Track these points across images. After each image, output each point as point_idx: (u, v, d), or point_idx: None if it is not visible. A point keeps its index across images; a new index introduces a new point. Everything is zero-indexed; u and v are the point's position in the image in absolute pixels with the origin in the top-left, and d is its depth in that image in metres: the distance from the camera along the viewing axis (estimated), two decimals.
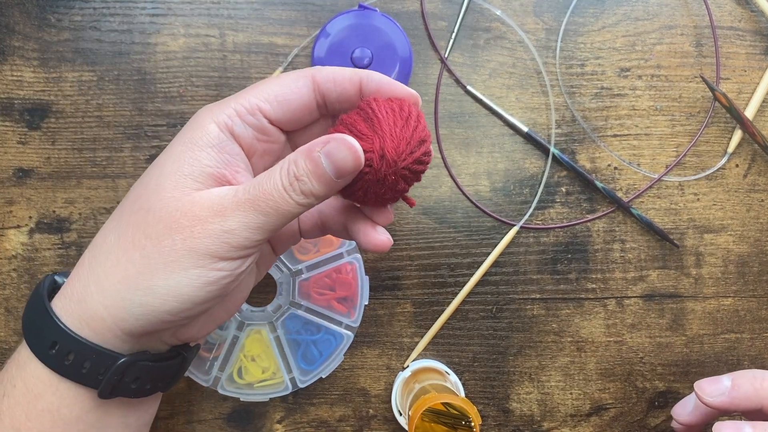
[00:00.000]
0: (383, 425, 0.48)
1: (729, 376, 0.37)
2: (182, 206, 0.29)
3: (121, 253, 0.29)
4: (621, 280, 0.48)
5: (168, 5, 0.46)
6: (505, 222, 0.48)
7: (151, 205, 0.29)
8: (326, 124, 0.35)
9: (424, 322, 0.48)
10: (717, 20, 0.48)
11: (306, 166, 0.29)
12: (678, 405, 0.43)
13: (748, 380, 0.37)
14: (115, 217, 0.31)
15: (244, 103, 0.31)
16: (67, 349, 0.29)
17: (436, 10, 0.47)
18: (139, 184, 0.31)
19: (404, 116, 0.31)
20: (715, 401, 0.37)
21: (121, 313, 0.29)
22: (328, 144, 0.29)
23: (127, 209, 0.30)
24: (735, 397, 0.36)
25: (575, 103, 0.48)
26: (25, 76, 0.46)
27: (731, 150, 0.48)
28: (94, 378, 0.30)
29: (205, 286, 0.29)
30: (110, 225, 0.31)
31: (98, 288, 0.29)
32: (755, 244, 0.48)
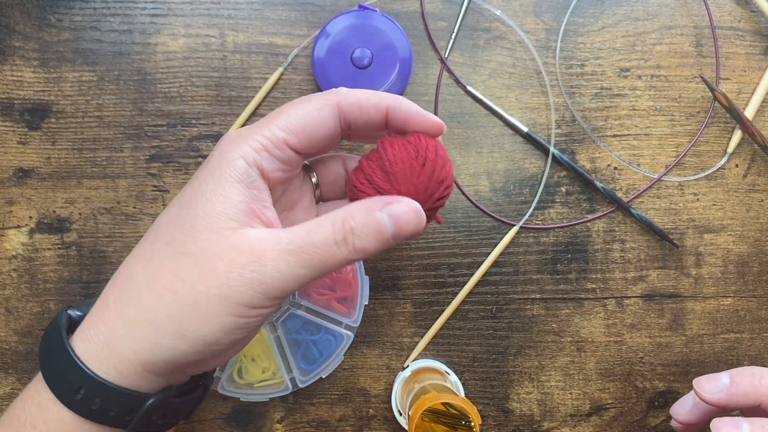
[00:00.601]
0: (383, 425, 0.48)
1: (727, 373, 0.37)
2: (219, 250, 0.28)
3: (152, 296, 0.28)
4: (621, 280, 0.48)
5: (168, 5, 0.46)
6: (505, 222, 0.48)
7: (186, 249, 0.28)
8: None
9: (424, 322, 0.48)
10: (717, 20, 0.48)
11: (366, 223, 0.29)
12: (677, 404, 0.43)
13: (746, 377, 0.37)
14: (143, 257, 0.30)
15: (270, 136, 0.30)
16: (93, 394, 0.29)
17: (436, 10, 0.47)
18: (170, 223, 0.30)
19: (421, 161, 0.31)
20: (713, 398, 0.37)
21: (149, 357, 0.28)
22: (392, 205, 0.29)
23: (158, 251, 0.29)
24: (733, 394, 0.36)
25: (575, 103, 0.48)
26: (25, 76, 0.46)
27: (731, 150, 0.48)
28: (121, 419, 0.29)
29: (236, 330, 0.29)
30: (138, 265, 0.30)
31: (127, 332, 0.29)
32: (755, 244, 0.48)
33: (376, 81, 0.44)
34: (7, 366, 0.47)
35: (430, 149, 0.32)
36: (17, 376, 0.47)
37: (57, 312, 0.32)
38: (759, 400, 0.36)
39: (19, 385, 0.47)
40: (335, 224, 0.29)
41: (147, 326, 0.28)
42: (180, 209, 0.30)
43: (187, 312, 0.28)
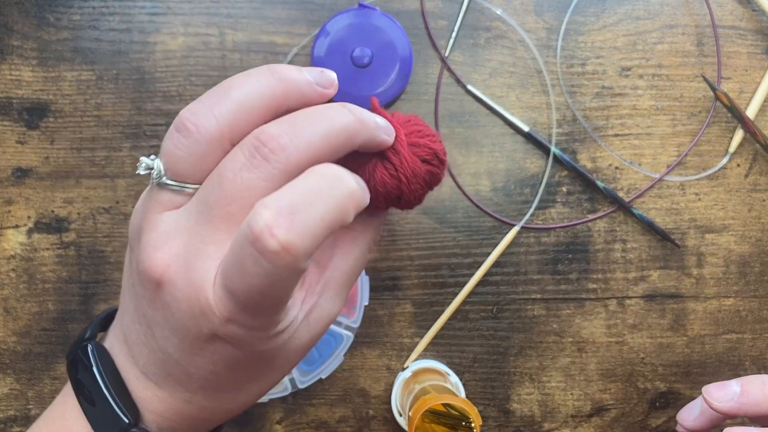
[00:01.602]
0: (383, 426, 0.47)
1: (738, 382, 0.37)
2: (299, 353, 0.28)
3: (232, 405, 0.29)
4: (622, 281, 0.48)
5: (167, 4, 0.46)
6: (506, 222, 0.47)
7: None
8: None
9: (424, 323, 0.47)
10: (718, 19, 0.48)
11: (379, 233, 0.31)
12: (683, 410, 0.42)
13: (757, 386, 0.36)
14: (189, 379, 0.29)
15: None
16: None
17: (437, 9, 0.47)
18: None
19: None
20: (723, 407, 0.37)
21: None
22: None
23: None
24: (744, 403, 0.36)
25: (576, 102, 0.47)
26: (23, 75, 0.46)
27: (732, 150, 0.48)
28: None
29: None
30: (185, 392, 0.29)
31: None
32: (757, 244, 0.48)
33: (376, 80, 0.44)
34: (5, 366, 0.46)
35: (434, 174, 0.30)
36: (15, 376, 0.47)
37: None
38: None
39: (18, 385, 0.47)
40: (367, 253, 0.29)
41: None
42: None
43: (235, 405, 0.29)
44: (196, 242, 0.24)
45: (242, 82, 0.25)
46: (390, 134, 0.28)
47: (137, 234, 0.26)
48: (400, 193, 0.29)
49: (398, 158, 0.28)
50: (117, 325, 0.29)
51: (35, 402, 0.47)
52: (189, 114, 0.24)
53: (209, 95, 0.25)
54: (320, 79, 0.27)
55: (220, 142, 0.24)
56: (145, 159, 0.25)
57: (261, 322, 0.25)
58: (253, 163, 0.24)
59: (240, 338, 0.25)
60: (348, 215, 0.24)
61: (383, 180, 0.28)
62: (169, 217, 0.25)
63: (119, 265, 0.47)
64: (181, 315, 0.25)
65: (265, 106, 0.25)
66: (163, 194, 0.25)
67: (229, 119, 0.24)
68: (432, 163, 0.29)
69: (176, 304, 0.25)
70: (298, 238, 0.21)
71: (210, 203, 0.24)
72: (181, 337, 0.25)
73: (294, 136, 0.24)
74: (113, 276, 0.47)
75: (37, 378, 0.47)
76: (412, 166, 0.28)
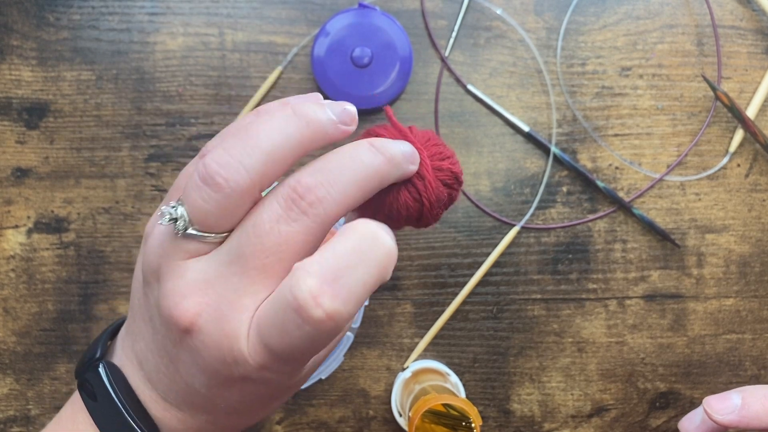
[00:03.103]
0: (383, 426, 0.47)
1: (739, 393, 0.37)
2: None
3: (248, 421, 0.29)
4: (622, 281, 0.48)
5: (167, 4, 0.46)
6: (506, 222, 0.47)
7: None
8: None
9: (425, 323, 0.47)
10: (718, 19, 0.48)
11: None
12: (685, 419, 0.42)
13: (758, 399, 0.36)
14: (193, 402, 0.28)
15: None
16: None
17: (437, 8, 0.47)
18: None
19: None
20: (724, 419, 0.37)
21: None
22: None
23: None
24: (744, 416, 0.36)
25: (576, 102, 0.47)
26: (23, 75, 0.46)
27: (733, 149, 0.48)
28: None
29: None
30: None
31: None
32: (757, 244, 0.48)
33: (376, 80, 0.44)
34: (5, 366, 0.46)
35: (453, 195, 0.31)
36: (15, 376, 0.46)
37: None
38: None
39: (17, 385, 0.47)
40: None
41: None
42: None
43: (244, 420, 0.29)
44: (229, 293, 0.24)
45: (269, 130, 0.24)
46: (415, 162, 0.28)
47: (156, 274, 0.26)
48: (420, 216, 0.29)
49: (423, 183, 0.28)
50: (128, 345, 0.29)
51: (35, 402, 0.47)
52: (217, 167, 0.23)
53: (235, 142, 0.24)
54: (343, 117, 0.26)
55: (251, 194, 0.24)
56: (167, 209, 0.25)
57: (295, 367, 0.25)
58: (290, 216, 0.24)
59: (271, 380, 0.25)
60: (387, 274, 0.23)
61: (407, 204, 0.28)
62: (196, 265, 0.25)
63: (119, 265, 0.46)
64: (211, 360, 0.24)
65: (293, 152, 0.25)
66: (189, 243, 0.25)
67: (260, 171, 0.24)
68: (452, 187, 0.30)
69: (206, 351, 0.24)
70: (342, 306, 0.21)
71: (245, 255, 0.24)
72: (209, 376, 0.25)
73: (330, 187, 0.24)
74: (113, 276, 0.47)
75: (36, 378, 0.47)
76: (436, 191, 0.28)
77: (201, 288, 0.24)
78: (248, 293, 0.24)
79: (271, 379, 0.25)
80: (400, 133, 0.29)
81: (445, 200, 0.29)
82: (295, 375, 0.26)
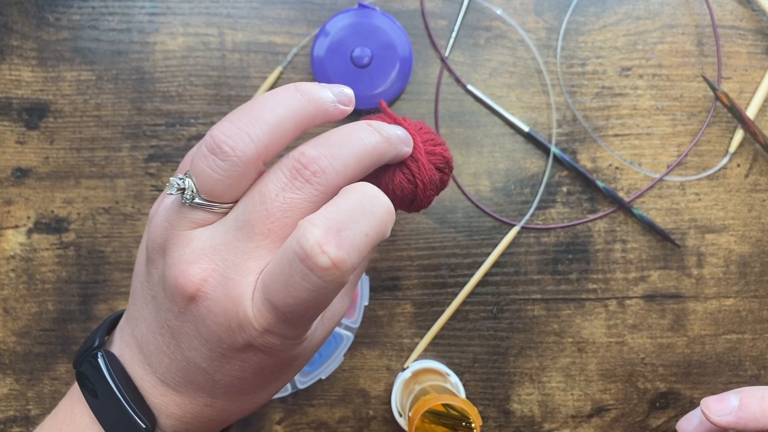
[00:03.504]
0: (383, 426, 0.47)
1: (736, 395, 0.37)
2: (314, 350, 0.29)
3: (247, 406, 0.30)
4: (622, 281, 0.48)
5: (167, 4, 0.46)
6: (506, 222, 0.47)
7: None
8: None
9: (424, 323, 0.47)
10: (718, 19, 0.48)
11: None
12: (683, 420, 0.42)
13: (755, 400, 0.36)
14: (196, 386, 0.29)
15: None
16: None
17: (437, 8, 0.47)
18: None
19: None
20: (721, 420, 0.37)
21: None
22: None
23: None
24: (742, 417, 0.36)
25: (576, 102, 0.47)
26: (23, 75, 0.46)
27: (733, 150, 0.48)
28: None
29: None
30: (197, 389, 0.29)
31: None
32: (757, 245, 0.48)
33: (376, 80, 0.44)
34: (5, 367, 0.46)
35: (444, 179, 0.33)
36: (15, 377, 0.46)
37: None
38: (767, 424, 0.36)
39: (17, 385, 0.47)
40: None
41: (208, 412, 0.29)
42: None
43: (246, 406, 0.30)
44: (236, 257, 0.25)
45: (274, 103, 0.26)
46: (409, 144, 0.30)
47: (161, 249, 0.27)
48: (414, 198, 0.31)
49: (416, 165, 0.30)
50: (128, 332, 0.29)
51: (35, 402, 0.47)
52: (224, 136, 0.24)
53: (241, 116, 0.25)
54: (341, 98, 0.28)
55: (256, 164, 0.25)
56: (175, 180, 0.26)
57: (298, 331, 0.25)
58: (295, 184, 0.25)
59: (274, 347, 0.26)
60: (388, 230, 0.25)
61: (401, 185, 0.30)
62: (203, 233, 0.26)
63: (119, 265, 0.46)
64: (216, 327, 0.25)
65: (296, 126, 0.26)
66: (195, 213, 0.26)
67: (264, 142, 0.25)
68: (444, 171, 0.32)
69: (212, 317, 0.25)
70: (346, 254, 0.23)
71: (251, 221, 0.25)
72: (212, 347, 0.26)
73: (332, 159, 0.25)
74: (113, 276, 0.46)
75: (36, 378, 0.47)
76: (429, 173, 0.30)
77: (207, 254, 0.25)
78: (253, 257, 0.25)
79: (273, 348, 0.25)
80: (395, 121, 0.31)
81: (437, 183, 0.31)
82: (296, 343, 0.26)
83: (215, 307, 0.25)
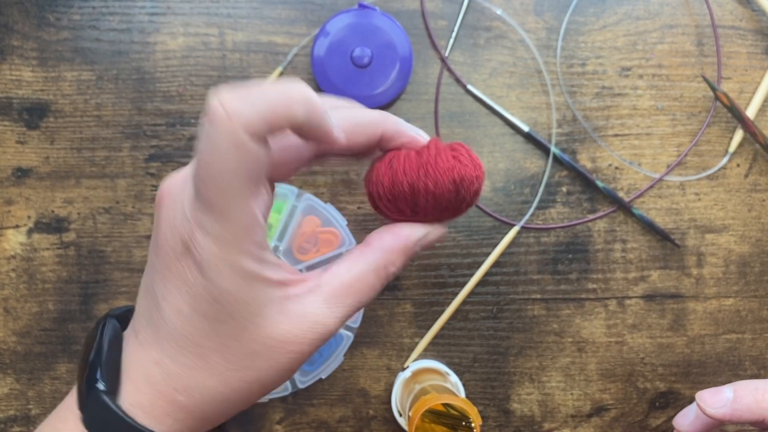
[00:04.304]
0: (383, 426, 0.47)
1: (731, 387, 0.37)
2: (275, 336, 0.28)
3: (220, 388, 0.29)
4: (622, 281, 0.48)
5: (167, 4, 0.46)
6: (506, 222, 0.47)
7: (249, 349, 0.28)
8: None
9: (424, 323, 0.47)
10: (718, 19, 0.48)
11: (404, 262, 0.30)
12: (679, 415, 0.43)
13: (750, 392, 0.36)
14: (184, 335, 0.27)
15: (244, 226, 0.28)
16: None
17: (437, 9, 0.47)
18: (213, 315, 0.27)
19: (454, 190, 0.29)
20: (717, 413, 0.37)
21: (197, 425, 0.29)
22: (427, 237, 0.30)
23: (206, 336, 0.27)
24: (737, 409, 0.36)
25: (576, 102, 0.47)
26: (23, 75, 0.46)
27: (732, 150, 0.48)
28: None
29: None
30: (179, 344, 0.27)
31: (181, 403, 0.28)
32: (756, 244, 0.48)
33: (376, 80, 0.44)
34: (5, 366, 0.46)
35: (466, 177, 0.29)
36: (15, 376, 0.47)
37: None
38: (762, 415, 0.36)
39: (18, 385, 0.47)
40: (379, 274, 0.29)
41: (200, 399, 0.29)
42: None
43: (237, 391, 0.30)
44: (189, 167, 0.26)
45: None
46: (416, 135, 0.30)
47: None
48: (423, 188, 0.28)
49: (427, 150, 0.29)
50: (131, 324, 0.29)
51: (35, 402, 0.47)
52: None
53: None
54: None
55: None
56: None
57: (224, 225, 0.24)
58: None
59: (205, 252, 0.24)
60: (295, 111, 0.24)
61: (405, 166, 0.28)
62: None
63: (119, 265, 0.47)
64: (164, 229, 0.26)
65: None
66: None
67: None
68: (463, 183, 0.29)
69: (162, 222, 0.26)
70: (242, 107, 0.23)
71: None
72: (161, 259, 0.26)
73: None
74: (113, 276, 0.47)
75: (37, 378, 0.47)
76: (443, 161, 0.28)
77: (176, 173, 0.27)
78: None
79: (204, 253, 0.24)
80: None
81: (451, 179, 0.28)
82: (229, 257, 0.25)
83: (165, 211, 0.26)
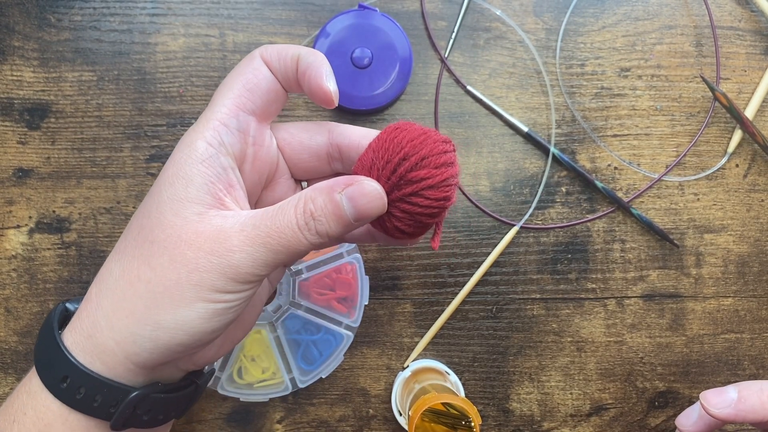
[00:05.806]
0: (383, 425, 0.48)
1: (735, 388, 0.37)
2: (186, 237, 0.28)
3: (127, 286, 0.29)
4: (621, 280, 0.48)
5: (168, 5, 0.46)
6: (505, 222, 0.48)
7: (155, 237, 0.29)
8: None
9: (424, 322, 0.48)
10: (717, 20, 0.48)
11: (325, 206, 0.28)
12: (682, 415, 0.43)
13: (754, 393, 0.36)
14: (119, 249, 0.30)
15: (221, 109, 0.30)
16: (78, 383, 0.29)
17: (436, 9, 0.47)
18: (140, 213, 0.30)
19: (394, 145, 0.30)
20: (720, 413, 0.37)
21: (132, 348, 0.28)
22: (351, 187, 0.28)
23: (130, 241, 0.30)
24: (741, 410, 0.36)
25: (575, 103, 0.48)
26: (25, 76, 0.46)
27: (731, 150, 0.48)
28: (105, 411, 0.29)
29: (213, 317, 0.28)
30: (114, 257, 0.30)
31: (107, 323, 0.29)
32: (755, 244, 0.48)
33: (376, 80, 0.44)
34: (6, 366, 0.47)
35: (411, 133, 0.31)
36: (17, 376, 0.47)
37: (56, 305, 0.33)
38: (766, 416, 0.36)
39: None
40: (297, 209, 0.28)
41: (125, 317, 0.28)
42: (148, 197, 0.30)
43: (160, 300, 0.28)
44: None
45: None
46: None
47: None
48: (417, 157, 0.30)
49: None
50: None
51: None
52: None
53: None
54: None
55: None
56: None
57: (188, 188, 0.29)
58: None
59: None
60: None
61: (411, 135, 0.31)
62: None
63: None
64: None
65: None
66: None
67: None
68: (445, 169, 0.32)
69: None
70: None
71: None
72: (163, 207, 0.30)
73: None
74: None
75: None
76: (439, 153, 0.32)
77: None
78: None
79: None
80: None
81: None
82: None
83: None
